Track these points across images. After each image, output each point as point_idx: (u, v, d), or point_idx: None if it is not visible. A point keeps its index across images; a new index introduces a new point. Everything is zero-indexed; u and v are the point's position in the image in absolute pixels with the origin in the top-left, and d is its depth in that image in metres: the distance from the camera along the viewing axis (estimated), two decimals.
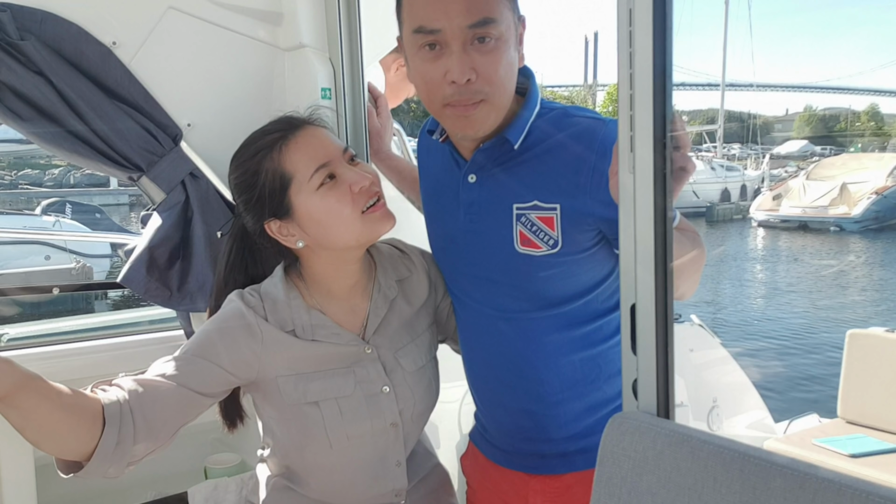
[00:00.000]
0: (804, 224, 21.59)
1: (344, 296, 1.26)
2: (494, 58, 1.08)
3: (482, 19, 1.05)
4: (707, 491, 0.80)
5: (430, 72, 1.10)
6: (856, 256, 17.18)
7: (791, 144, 47.42)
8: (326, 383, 1.21)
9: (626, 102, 0.91)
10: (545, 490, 1.27)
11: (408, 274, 1.34)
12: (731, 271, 15.32)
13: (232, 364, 1.17)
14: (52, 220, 12.12)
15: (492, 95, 1.10)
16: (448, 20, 1.06)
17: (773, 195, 23.26)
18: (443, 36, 1.07)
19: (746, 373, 3.54)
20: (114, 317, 4.09)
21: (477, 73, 1.08)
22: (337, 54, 1.68)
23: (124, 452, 1.03)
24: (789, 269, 15.93)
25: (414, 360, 1.29)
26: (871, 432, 3.31)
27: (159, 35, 1.54)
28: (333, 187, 1.18)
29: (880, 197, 21.05)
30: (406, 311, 1.31)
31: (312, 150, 1.20)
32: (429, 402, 1.33)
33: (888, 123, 67.90)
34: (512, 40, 1.10)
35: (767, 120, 66.85)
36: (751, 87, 61.80)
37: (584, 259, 1.17)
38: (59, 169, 27.64)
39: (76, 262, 9.66)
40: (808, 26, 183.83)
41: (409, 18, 1.11)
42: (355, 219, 1.18)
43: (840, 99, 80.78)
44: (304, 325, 1.21)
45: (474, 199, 1.22)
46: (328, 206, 1.18)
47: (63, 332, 3.01)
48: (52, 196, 17.97)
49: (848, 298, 12.53)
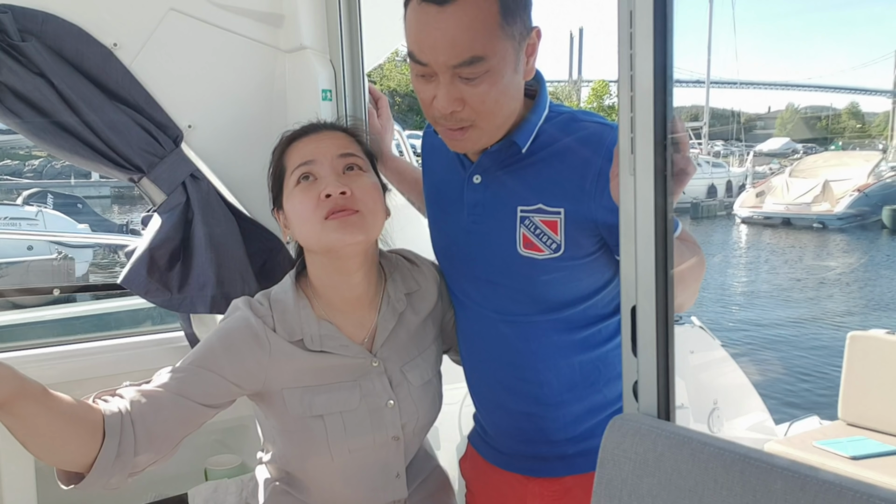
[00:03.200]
0: (787, 221, 21.75)
1: (348, 308, 1.25)
2: (483, 90, 1.06)
3: (468, 59, 1.03)
4: (708, 493, 0.80)
5: (423, 92, 1.11)
6: (841, 254, 17.26)
7: (773, 142, 47.45)
8: (332, 397, 1.20)
9: (626, 104, 0.90)
10: (544, 493, 1.27)
11: (417, 287, 1.33)
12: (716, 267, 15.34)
13: (237, 375, 1.16)
14: (34, 210, 12.09)
15: (479, 122, 1.10)
16: (433, 56, 1.05)
17: (756, 192, 23.37)
18: (430, 69, 1.07)
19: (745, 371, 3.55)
20: (95, 306, 4.09)
21: (464, 104, 1.07)
22: (338, 56, 1.68)
23: (125, 464, 1.02)
24: (772, 265, 15.98)
25: (420, 374, 1.28)
26: (872, 434, 3.30)
27: (160, 37, 1.54)
28: (307, 188, 1.18)
29: (862, 195, 21.24)
30: (414, 323, 1.30)
31: (307, 148, 1.21)
32: (432, 417, 1.32)
33: (868, 122, 68.14)
34: (508, 67, 1.07)
35: (750, 117, 66.97)
36: (735, 84, 61.93)
37: (586, 264, 1.16)
38: (40, 160, 27.51)
39: (57, 254, 9.63)
40: (791, 26, 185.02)
41: (406, 38, 1.11)
42: (315, 222, 1.16)
43: (821, 97, 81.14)
44: (314, 335, 1.20)
45: (478, 200, 1.22)
46: (294, 204, 1.19)
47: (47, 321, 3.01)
48: (34, 186, 17.89)
49: (830, 295, 12.58)
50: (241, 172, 1.66)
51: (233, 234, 1.64)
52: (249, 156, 1.53)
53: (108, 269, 9.90)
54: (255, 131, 1.64)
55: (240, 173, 1.67)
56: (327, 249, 1.18)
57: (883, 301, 12.01)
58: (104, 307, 4.14)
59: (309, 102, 1.65)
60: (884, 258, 16.42)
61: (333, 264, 1.21)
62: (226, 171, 1.69)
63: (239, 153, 1.66)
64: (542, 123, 1.17)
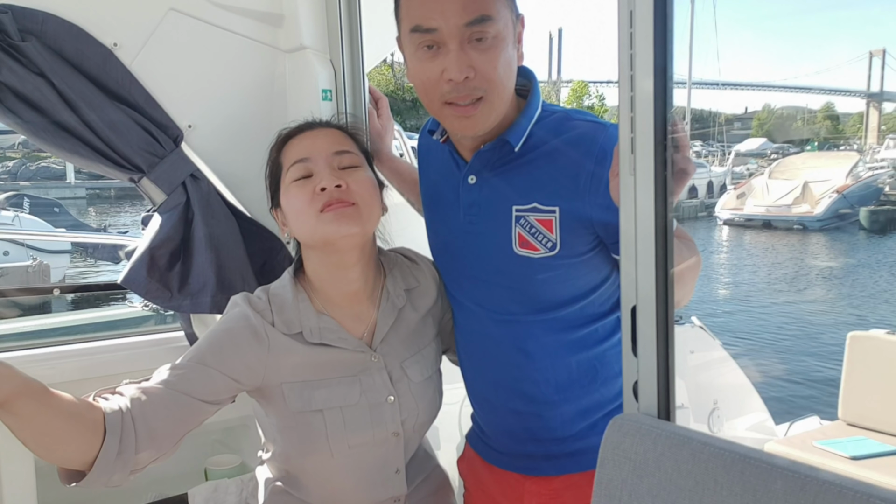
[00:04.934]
0: (768, 223, 21.87)
1: (346, 303, 1.25)
2: (492, 55, 1.08)
3: (479, 17, 1.05)
4: (708, 493, 0.80)
5: (428, 71, 1.11)
6: (821, 254, 17.35)
7: (751, 142, 47.51)
8: (332, 391, 1.21)
9: (626, 104, 0.91)
10: (541, 492, 1.27)
11: (416, 284, 1.33)
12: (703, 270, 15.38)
13: (236, 371, 1.16)
14: (11, 215, 12.02)
15: (490, 93, 1.10)
16: (444, 19, 1.06)
17: (737, 194, 23.46)
18: (439, 35, 1.07)
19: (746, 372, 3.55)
20: (72, 317, 4.00)
21: (475, 71, 1.08)
22: (338, 56, 1.68)
23: (126, 461, 1.02)
24: (755, 267, 16.04)
25: (420, 370, 1.28)
26: (872, 434, 3.30)
27: (160, 36, 1.54)
28: (304, 184, 1.19)
29: (840, 196, 21.45)
30: (413, 319, 1.30)
31: (303, 146, 1.22)
32: (432, 413, 1.32)
33: (843, 122, 68.25)
34: (510, 38, 1.10)
35: (728, 118, 67.12)
36: (716, 85, 61.96)
37: (582, 263, 1.16)
38: (14, 161, 27.28)
39: (33, 260, 9.56)
40: (769, 28, 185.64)
41: (406, 18, 1.12)
42: (311, 215, 1.17)
43: (797, 98, 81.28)
44: (313, 327, 1.21)
45: (474, 200, 1.22)
46: (290, 199, 1.20)
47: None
48: (8, 189, 17.76)
49: (812, 296, 12.65)
50: (241, 172, 1.66)
51: (233, 234, 1.64)
52: (249, 156, 1.52)
53: (84, 275, 9.76)
54: (256, 131, 1.64)
55: (240, 173, 1.67)
56: (324, 242, 1.19)
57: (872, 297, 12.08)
58: (78, 318, 4.01)
59: (309, 102, 1.65)
60: (863, 258, 16.50)
61: (331, 259, 1.21)
62: (226, 171, 1.69)
63: (239, 153, 1.66)
64: (534, 123, 1.18)
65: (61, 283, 8.67)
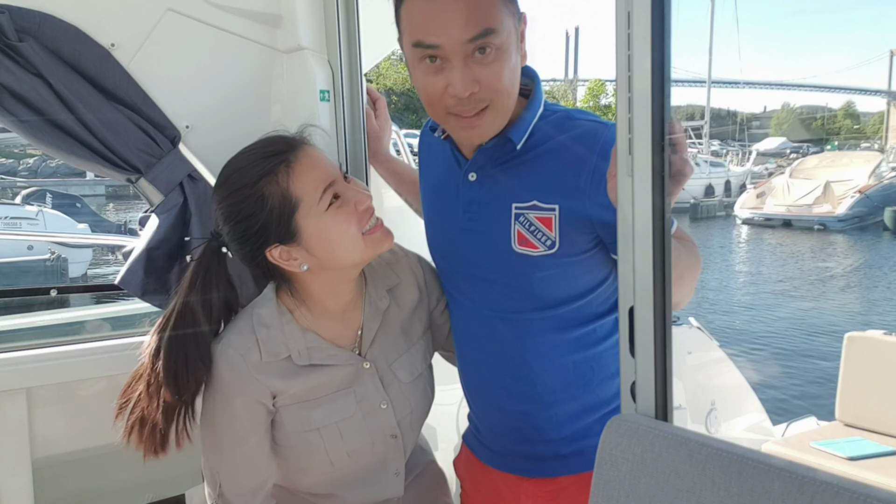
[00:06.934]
0: (788, 222, 21.78)
1: (339, 311, 1.26)
2: (497, 68, 1.07)
3: (482, 31, 1.03)
4: (705, 494, 0.80)
5: (432, 85, 1.09)
6: (842, 256, 17.27)
7: (769, 141, 47.57)
8: (328, 409, 1.22)
9: (624, 105, 0.90)
10: (538, 493, 1.27)
11: (397, 280, 1.33)
12: (717, 269, 15.37)
13: (260, 420, 1.21)
14: (34, 210, 12.07)
15: (496, 101, 1.10)
16: (447, 36, 1.04)
17: (756, 193, 23.39)
18: (442, 51, 1.05)
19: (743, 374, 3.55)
20: (77, 313, 4.02)
21: (480, 85, 1.07)
22: (335, 56, 1.68)
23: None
24: (774, 268, 16.01)
25: (410, 370, 1.29)
26: (869, 435, 3.31)
27: (158, 37, 1.54)
28: (341, 206, 1.17)
29: (863, 196, 21.32)
30: (400, 319, 1.31)
31: (317, 171, 1.17)
32: (425, 408, 1.33)
33: (863, 122, 68.26)
34: (513, 46, 1.09)
35: (746, 117, 67.25)
36: (737, 84, 61.79)
37: (581, 261, 1.16)
38: (35, 158, 27.35)
39: (51, 254, 9.59)
40: (789, 26, 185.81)
41: (407, 31, 1.09)
42: (359, 238, 1.17)
43: (817, 97, 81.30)
44: (300, 349, 1.20)
45: (474, 198, 1.22)
46: (337, 225, 1.16)
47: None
48: (31, 185, 17.87)
49: (834, 298, 12.61)
50: None
51: None
52: None
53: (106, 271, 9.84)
54: (253, 132, 1.63)
55: None
56: (365, 261, 1.22)
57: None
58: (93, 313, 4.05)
59: (307, 103, 1.65)
60: (885, 260, 16.43)
61: (347, 274, 1.22)
62: None
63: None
64: (536, 121, 1.17)
65: (66, 284, 8.69)
